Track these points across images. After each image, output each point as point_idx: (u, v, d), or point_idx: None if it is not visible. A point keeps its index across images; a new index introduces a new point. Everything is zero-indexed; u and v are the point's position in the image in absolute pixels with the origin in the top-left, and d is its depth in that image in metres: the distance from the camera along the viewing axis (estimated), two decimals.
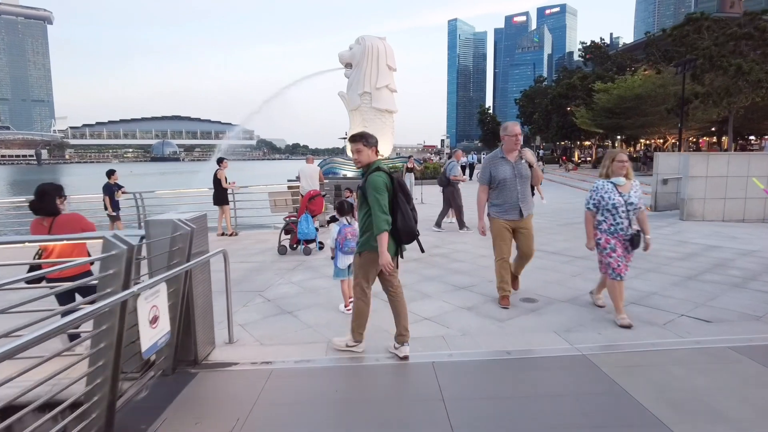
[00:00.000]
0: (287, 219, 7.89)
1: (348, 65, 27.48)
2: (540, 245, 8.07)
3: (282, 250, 7.75)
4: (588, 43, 48.63)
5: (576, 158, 40.99)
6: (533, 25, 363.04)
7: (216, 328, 4.18)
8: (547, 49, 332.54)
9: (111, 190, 9.53)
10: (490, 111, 63.14)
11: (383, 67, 26.51)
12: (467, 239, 8.89)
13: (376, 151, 3.65)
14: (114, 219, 9.51)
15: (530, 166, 4.80)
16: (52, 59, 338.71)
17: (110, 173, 9.74)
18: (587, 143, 48.43)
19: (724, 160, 10.72)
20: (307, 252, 7.57)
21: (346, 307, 5.03)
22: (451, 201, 10.00)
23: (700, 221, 10.55)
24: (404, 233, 3.46)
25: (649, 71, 26.64)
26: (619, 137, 42.42)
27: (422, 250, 3.91)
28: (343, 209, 5.28)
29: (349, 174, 26.09)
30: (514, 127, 4.73)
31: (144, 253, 3.49)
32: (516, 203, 4.81)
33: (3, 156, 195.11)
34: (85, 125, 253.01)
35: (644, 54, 41.68)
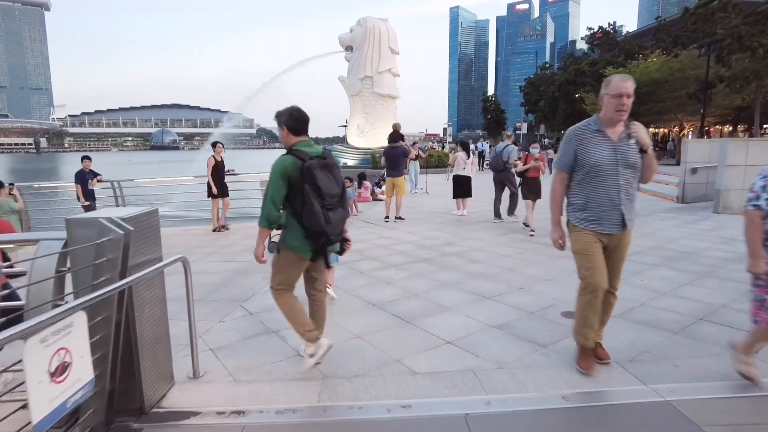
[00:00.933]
0: None
1: (348, 48, 26.34)
2: None
3: (273, 248, 6.74)
4: (595, 29, 47.32)
5: None
6: (536, 13, 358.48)
7: (179, 356, 3.23)
8: (550, 38, 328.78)
9: (84, 178, 8.54)
10: (494, 99, 61.81)
11: (385, 50, 25.37)
12: (482, 234, 7.88)
13: (292, 131, 3.04)
14: (88, 209, 8.53)
15: (642, 152, 2.93)
16: (50, 47, 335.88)
17: (83, 159, 8.73)
18: None
19: (766, 146, 9.70)
20: None
21: None
22: (508, 185, 8.92)
23: (738, 214, 9.53)
24: (310, 232, 2.92)
25: (657, 57, 25.41)
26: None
27: (327, 266, 3.31)
28: None
29: (350, 162, 25.03)
30: (621, 84, 2.82)
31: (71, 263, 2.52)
32: (616, 206, 2.94)
33: (2, 144, 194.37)
34: (84, 113, 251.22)
35: (654, 40, 40.38)
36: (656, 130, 45.22)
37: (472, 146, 15.30)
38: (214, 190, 8.54)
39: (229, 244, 7.57)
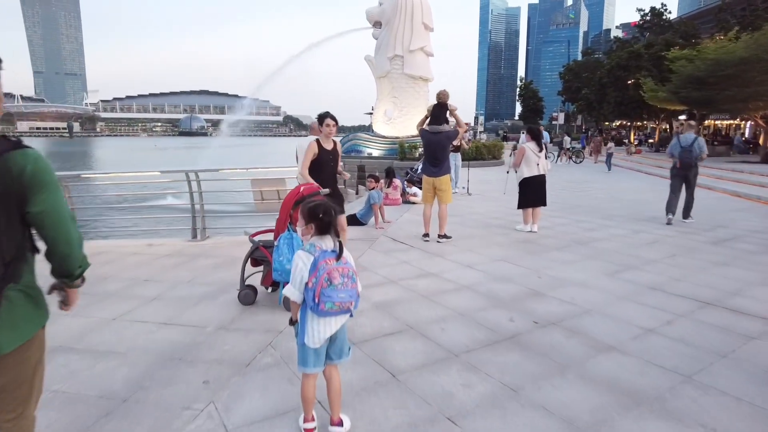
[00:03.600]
0: (254, 238, 4.20)
1: (377, 24, 23.37)
2: (716, 289, 4.15)
3: (246, 299, 4.10)
4: (645, 10, 42.94)
5: (632, 140, 35.68)
6: (569, 1, 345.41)
7: None
8: (583, 26, 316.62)
9: None
10: (531, 86, 57.40)
11: (418, 25, 22.31)
12: (580, 272, 5.04)
13: None
14: None
15: None
16: (85, 33, 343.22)
17: None
18: (640, 123, 42.86)
19: None
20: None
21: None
22: (693, 181, 7.88)
23: None
24: None
25: (735, 35, 21.60)
26: (682, 117, 37.06)
27: None
28: (316, 218, 2.21)
29: (375, 153, 22.33)
30: None
31: None
32: None
33: (38, 128, 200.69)
34: (115, 99, 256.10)
35: (714, 21, 36.20)
36: (712, 122, 40.78)
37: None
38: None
39: (190, 276, 4.98)
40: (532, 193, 6.86)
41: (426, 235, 6.40)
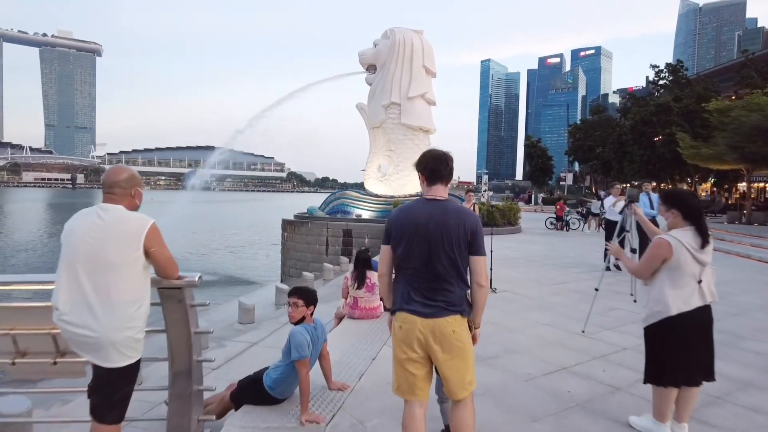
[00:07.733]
0: None
1: (371, 68, 20.35)
2: None
3: None
4: (660, 67, 40.84)
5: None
6: (567, 67, 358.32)
7: None
8: (581, 91, 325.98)
9: None
10: (539, 144, 54.70)
11: (418, 69, 19.18)
12: None
13: None
14: None
15: None
16: (97, 87, 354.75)
17: None
18: (666, 185, 39.41)
19: None
20: None
21: None
22: None
23: None
24: None
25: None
26: (696, 178, 33.72)
27: None
28: None
29: (366, 214, 18.48)
30: None
31: None
32: None
33: (43, 179, 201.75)
34: (122, 152, 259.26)
35: (737, 77, 33.84)
36: (736, 185, 37.33)
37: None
38: None
39: None
40: (685, 351, 2.79)
41: None
